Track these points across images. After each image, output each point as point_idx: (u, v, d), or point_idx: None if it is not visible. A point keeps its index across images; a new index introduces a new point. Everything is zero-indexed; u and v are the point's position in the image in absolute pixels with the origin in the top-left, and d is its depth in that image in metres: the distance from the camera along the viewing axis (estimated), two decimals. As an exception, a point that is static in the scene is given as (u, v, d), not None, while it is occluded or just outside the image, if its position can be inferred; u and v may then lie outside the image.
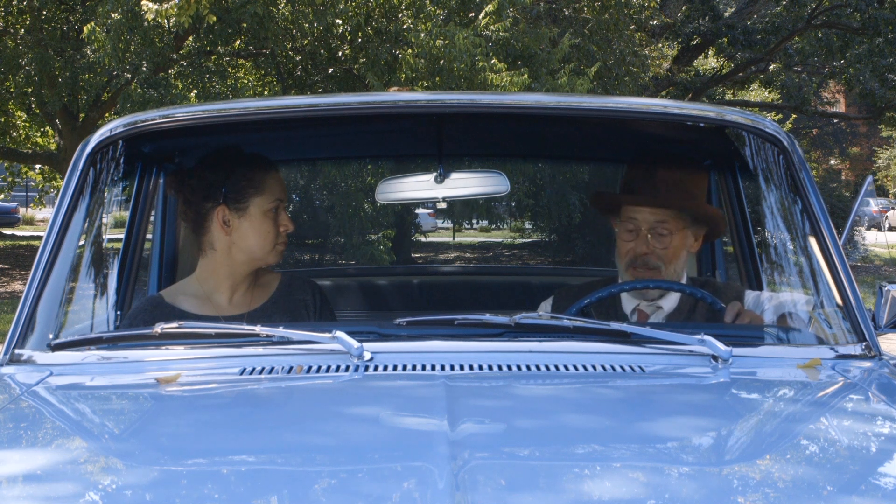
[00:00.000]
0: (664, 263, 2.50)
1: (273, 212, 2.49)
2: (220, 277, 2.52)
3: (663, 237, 2.50)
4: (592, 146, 3.40)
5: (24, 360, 2.01)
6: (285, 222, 2.51)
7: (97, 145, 2.27)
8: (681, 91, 19.73)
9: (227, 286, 2.53)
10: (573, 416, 1.66)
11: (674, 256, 2.51)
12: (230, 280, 2.53)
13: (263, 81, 14.64)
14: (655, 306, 2.54)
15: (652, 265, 2.50)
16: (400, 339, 1.98)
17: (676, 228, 2.51)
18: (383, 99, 2.57)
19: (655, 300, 2.54)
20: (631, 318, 2.55)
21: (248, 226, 2.47)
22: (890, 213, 29.60)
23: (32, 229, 29.00)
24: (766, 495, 1.31)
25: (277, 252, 2.52)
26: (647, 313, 2.54)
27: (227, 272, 2.52)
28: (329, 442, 1.53)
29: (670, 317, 2.52)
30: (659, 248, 2.50)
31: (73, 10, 13.11)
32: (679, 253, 2.52)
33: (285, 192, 2.54)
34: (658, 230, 2.50)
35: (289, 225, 2.52)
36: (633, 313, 2.55)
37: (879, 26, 16.91)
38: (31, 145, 18.81)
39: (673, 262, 2.51)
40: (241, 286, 2.55)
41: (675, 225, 2.51)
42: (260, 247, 2.49)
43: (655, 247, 2.50)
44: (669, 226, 2.50)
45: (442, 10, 11.64)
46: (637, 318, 2.54)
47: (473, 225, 17.34)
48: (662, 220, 2.50)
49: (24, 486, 1.37)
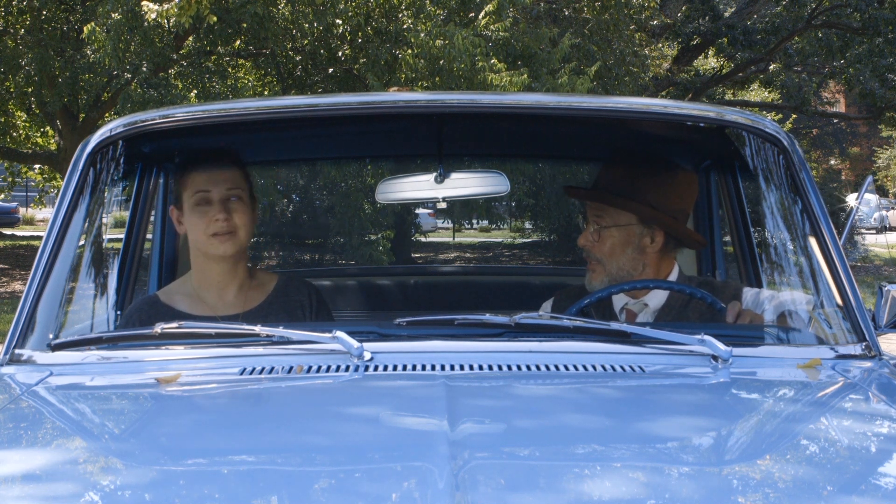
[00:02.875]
0: (604, 257, 2.52)
1: (200, 203, 2.46)
2: (201, 275, 2.54)
3: (599, 230, 2.53)
4: (592, 146, 3.40)
5: (24, 360, 2.01)
6: (215, 212, 2.44)
7: (97, 145, 2.27)
8: (681, 91, 19.73)
9: (211, 284, 2.53)
10: (573, 416, 1.66)
11: (614, 251, 2.51)
12: (210, 277, 2.53)
13: (263, 81, 14.64)
14: (642, 304, 2.54)
15: (593, 257, 2.54)
16: (400, 339, 1.98)
17: (615, 224, 2.51)
18: (383, 99, 2.57)
19: (640, 298, 2.54)
20: (620, 316, 2.55)
21: (188, 222, 2.49)
22: (890, 213, 29.58)
23: (32, 229, 29.00)
24: (766, 495, 1.31)
25: (214, 243, 2.46)
26: (635, 312, 2.55)
27: (201, 269, 2.54)
28: (329, 442, 1.53)
29: (659, 314, 2.52)
30: (595, 241, 2.53)
31: (73, 10, 13.11)
32: (622, 249, 2.52)
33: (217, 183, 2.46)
34: (597, 224, 2.53)
35: (218, 214, 2.43)
36: (621, 312, 2.56)
37: (879, 26, 16.92)
38: (31, 145, 18.82)
39: (614, 256, 2.52)
40: (227, 284, 2.54)
41: (612, 220, 2.52)
42: (197, 240, 2.49)
43: (593, 239, 2.53)
44: (606, 220, 2.52)
45: (442, 10, 11.64)
46: (625, 316, 2.55)
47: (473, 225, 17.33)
48: (598, 215, 2.54)
49: (24, 486, 1.37)
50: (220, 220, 2.44)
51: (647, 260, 2.53)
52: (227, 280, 2.54)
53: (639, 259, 2.53)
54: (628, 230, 2.51)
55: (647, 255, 2.53)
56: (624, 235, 2.52)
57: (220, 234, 2.45)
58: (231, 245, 2.47)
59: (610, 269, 2.52)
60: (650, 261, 2.54)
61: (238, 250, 2.51)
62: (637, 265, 2.53)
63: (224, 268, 2.52)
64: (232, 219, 2.46)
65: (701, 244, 2.86)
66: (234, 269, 2.54)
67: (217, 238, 2.46)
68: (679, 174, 2.66)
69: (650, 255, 2.53)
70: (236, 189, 2.49)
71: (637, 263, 2.53)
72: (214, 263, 2.52)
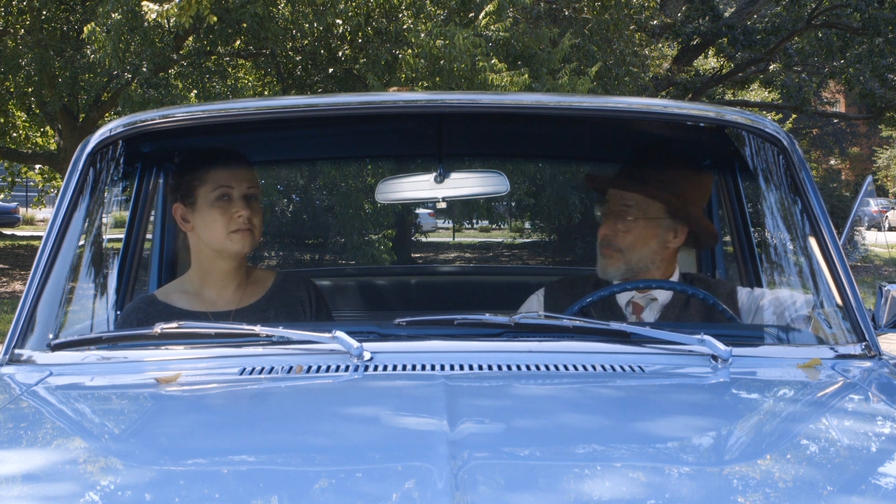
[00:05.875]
0: (627, 247, 2.52)
1: (222, 199, 2.46)
2: (204, 273, 2.54)
3: (627, 221, 2.52)
4: (593, 146, 3.40)
5: (23, 360, 2.01)
6: (238, 208, 2.46)
7: (97, 145, 2.27)
8: (681, 91, 19.73)
9: (213, 281, 2.53)
10: (573, 416, 1.66)
11: (638, 243, 2.51)
12: (214, 275, 2.53)
13: (263, 81, 14.65)
14: (649, 298, 2.55)
15: (615, 247, 2.53)
16: (400, 339, 1.98)
17: (643, 216, 2.52)
18: (383, 99, 2.57)
19: (648, 292, 2.55)
20: (626, 309, 2.55)
21: (200, 218, 2.48)
22: (890, 213, 29.60)
23: (32, 229, 29.01)
24: (766, 495, 1.31)
25: (235, 240, 2.47)
26: (642, 305, 2.55)
27: (205, 267, 2.53)
28: (329, 442, 1.53)
29: (666, 308, 2.52)
30: (622, 231, 2.52)
31: (73, 10, 13.11)
32: (646, 241, 2.52)
33: (239, 180, 2.48)
34: (624, 214, 2.53)
35: (242, 210, 2.45)
36: (628, 305, 2.56)
37: (879, 26, 16.92)
38: (31, 145, 18.82)
39: (637, 248, 2.51)
40: (228, 282, 2.54)
41: (642, 212, 2.52)
42: (213, 237, 2.48)
43: (619, 229, 2.52)
44: (634, 211, 2.52)
45: (442, 10, 11.65)
46: (632, 309, 2.55)
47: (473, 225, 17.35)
48: (628, 205, 2.53)
49: (24, 486, 1.37)
50: (242, 217, 2.46)
51: (665, 255, 2.55)
52: (230, 277, 2.54)
53: (658, 253, 2.54)
54: (657, 223, 2.52)
55: (666, 251, 2.55)
56: (652, 228, 2.52)
57: (242, 230, 2.47)
58: (249, 243, 2.50)
59: (630, 260, 2.52)
60: (667, 256, 2.56)
61: (251, 248, 2.53)
62: (655, 259, 2.54)
63: (232, 265, 2.53)
64: (252, 216, 2.48)
65: (716, 240, 2.87)
66: (239, 267, 2.55)
67: (238, 234, 2.47)
68: (699, 172, 2.70)
69: (669, 251, 2.55)
70: (254, 188, 2.52)
71: (655, 257, 2.54)
72: (223, 260, 2.52)
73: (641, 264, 2.53)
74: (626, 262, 2.53)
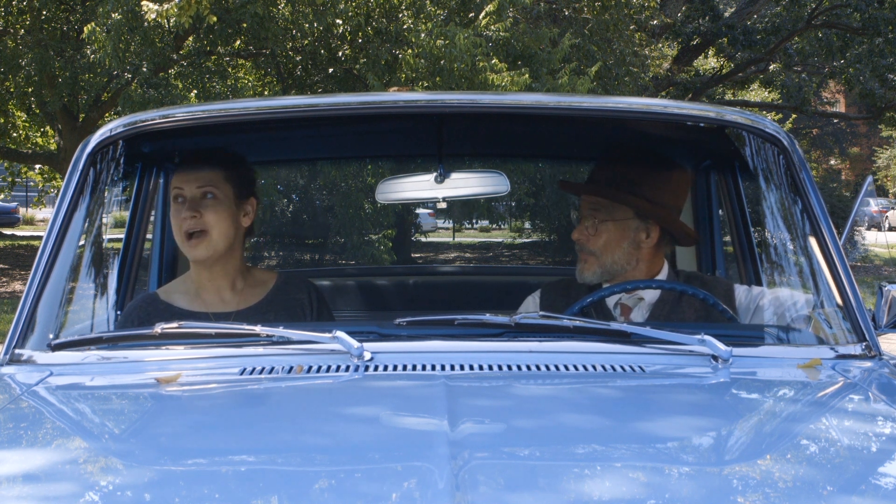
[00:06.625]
0: (599, 250, 2.52)
1: (176, 202, 2.44)
2: (199, 275, 2.54)
3: (596, 224, 2.53)
4: (592, 146, 3.40)
5: (24, 360, 2.01)
6: (186, 211, 2.41)
7: (97, 145, 2.27)
8: (681, 91, 19.73)
9: (209, 284, 2.52)
10: (573, 416, 1.66)
11: (609, 245, 2.52)
12: (205, 276, 2.52)
13: (263, 81, 14.65)
14: (636, 298, 2.55)
15: (587, 251, 2.54)
16: (400, 339, 1.98)
17: (610, 218, 2.52)
18: (383, 99, 2.57)
19: (635, 292, 2.55)
20: (614, 311, 2.55)
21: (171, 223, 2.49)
22: (890, 213, 29.60)
23: (32, 229, 29.01)
24: (766, 495, 1.31)
25: (191, 246, 2.42)
26: (630, 306, 2.55)
27: (196, 268, 2.53)
28: (329, 442, 1.53)
29: (654, 308, 2.52)
30: (592, 234, 2.53)
31: (73, 10, 13.11)
32: (617, 243, 2.52)
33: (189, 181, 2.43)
34: (592, 217, 2.53)
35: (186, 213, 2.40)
36: (615, 307, 2.56)
37: (879, 26, 16.93)
38: (31, 145, 18.82)
39: (609, 251, 2.52)
40: (224, 284, 2.53)
41: (609, 214, 2.52)
42: (178, 242, 2.47)
43: (589, 233, 2.53)
44: (602, 214, 2.53)
45: (442, 10, 11.65)
46: (620, 311, 2.55)
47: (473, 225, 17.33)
48: (595, 209, 2.54)
49: (24, 486, 1.37)
50: (187, 219, 2.41)
51: (641, 255, 2.54)
52: (222, 280, 2.53)
53: (633, 254, 2.54)
54: (625, 224, 2.52)
55: (641, 251, 2.54)
56: (620, 230, 2.52)
57: (195, 233, 2.41)
58: (204, 249, 2.42)
59: (604, 263, 2.53)
60: (644, 256, 2.55)
61: (212, 254, 2.45)
62: (631, 260, 2.53)
63: (210, 270, 2.49)
64: (203, 217, 2.41)
65: (694, 240, 2.86)
66: (222, 271, 2.51)
67: (193, 240, 2.42)
68: (673, 171, 2.67)
69: (644, 251, 2.54)
70: (209, 187, 2.44)
71: (631, 258, 2.53)
72: (195, 265, 2.51)
73: (617, 266, 2.53)
74: (601, 264, 2.53)
